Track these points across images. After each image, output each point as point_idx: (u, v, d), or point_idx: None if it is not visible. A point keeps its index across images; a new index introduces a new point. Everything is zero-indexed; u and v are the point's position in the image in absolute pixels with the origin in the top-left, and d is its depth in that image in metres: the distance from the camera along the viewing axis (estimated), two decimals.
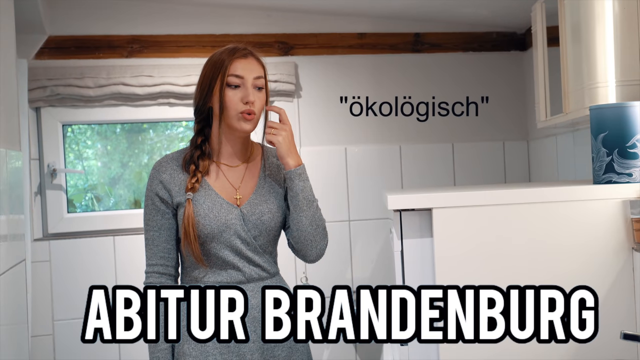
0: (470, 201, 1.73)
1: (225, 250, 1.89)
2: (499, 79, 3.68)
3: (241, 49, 1.94)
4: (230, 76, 1.90)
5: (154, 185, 1.94)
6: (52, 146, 3.28)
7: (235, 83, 1.91)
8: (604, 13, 2.12)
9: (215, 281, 1.91)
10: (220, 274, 1.91)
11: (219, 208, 1.90)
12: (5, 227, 1.99)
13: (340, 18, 3.52)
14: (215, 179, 1.96)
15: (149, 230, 1.94)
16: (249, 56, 1.94)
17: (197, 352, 1.88)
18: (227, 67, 1.91)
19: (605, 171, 1.82)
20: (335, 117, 3.53)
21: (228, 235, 1.89)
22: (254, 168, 2.03)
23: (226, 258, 1.90)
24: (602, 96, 2.13)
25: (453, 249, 1.71)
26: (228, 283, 1.91)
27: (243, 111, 1.90)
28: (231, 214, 1.91)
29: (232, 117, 1.91)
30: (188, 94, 3.30)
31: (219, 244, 1.89)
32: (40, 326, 3.21)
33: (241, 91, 1.91)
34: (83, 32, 3.30)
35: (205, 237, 1.88)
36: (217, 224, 1.88)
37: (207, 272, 1.92)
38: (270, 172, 2.04)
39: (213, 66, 1.94)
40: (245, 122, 1.91)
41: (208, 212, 1.89)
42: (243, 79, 1.91)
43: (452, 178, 3.61)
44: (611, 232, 1.73)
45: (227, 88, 1.91)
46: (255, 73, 1.93)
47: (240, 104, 1.90)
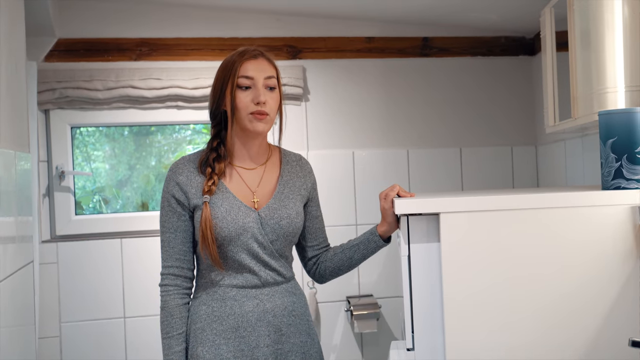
0: (478, 206, 1.72)
1: (242, 254, 1.89)
2: (508, 84, 3.67)
3: (251, 50, 1.94)
4: (241, 77, 1.90)
5: (170, 186, 1.93)
6: (60, 148, 3.29)
7: (246, 84, 1.90)
8: (614, 18, 2.12)
9: (231, 284, 1.91)
10: (237, 277, 1.91)
11: (237, 211, 1.90)
12: (13, 229, 1.99)
13: (349, 22, 3.52)
14: (233, 182, 1.95)
15: (165, 232, 1.93)
16: (260, 57, 1.94)
17: (211, 355, 1.87)
18: (237, 68, 1.90)
19: (614, 177, 1.81)
20: (342, 121, 3.53)
21: (245, 238, 1.88)
22: (271, 171, 2.02)
23: (243, 261, 1.89)
24: (612, 101, 2.12)
25: (460, 253, 1.71)
26: (244, 286, 1.91)
27: (254, 112, 1.89)
28: (249, 217, 1.90)
29: (243, 119, 1.90)
30: (196, 97, 3.31)
31: (236, 247, 1.88)
32: (47, 328, 3.21)
33: (252, 92, 1.90)
34: (92, 35, 3.31)
35: (222, 240, 1.87)
36: (235, 227, 1.87)
37: (223, 275, 1.91)
38: (290, 177, 2.03)
39: (224, 69, 1.94)
40: (257, 122, 1.90)
41: (226, 214, 1.88)
42: (253, 80, 1.90)
43: (459, 183, 3.60)
44: (620, 238, 1.72)
45: (237, 90, 1.90)
46: (266, 73, 1.92)
47: (252, 104, 1.89)
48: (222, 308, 1.90)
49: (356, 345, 3.49)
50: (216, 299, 1.91)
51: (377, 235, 2.01)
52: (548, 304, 1.71)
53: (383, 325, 3.49)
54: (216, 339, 1.88)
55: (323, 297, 3.45)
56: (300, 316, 1.98)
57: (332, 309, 3.48)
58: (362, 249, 2.04)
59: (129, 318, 3.29)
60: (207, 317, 1.90)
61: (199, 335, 1.89)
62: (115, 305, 3.29)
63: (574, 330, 1.71)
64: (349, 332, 3.48)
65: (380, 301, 3.44)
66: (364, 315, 3.33)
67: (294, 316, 1.96)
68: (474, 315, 1.70)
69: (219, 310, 1.90)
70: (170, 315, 1.90)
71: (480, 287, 1.70)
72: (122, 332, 3.29)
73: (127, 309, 3.29)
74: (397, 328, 3.48)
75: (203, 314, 1.91)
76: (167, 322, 1.90)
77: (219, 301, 1.90)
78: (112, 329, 3.28)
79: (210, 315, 1.90)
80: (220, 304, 1.90)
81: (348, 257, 2.06)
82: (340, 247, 2.08)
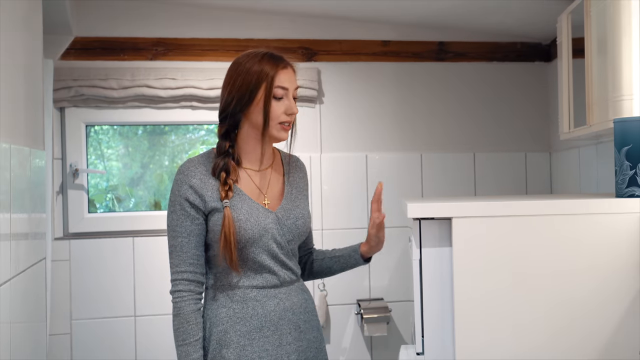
0: (491, 211, 1.72)
1: (263, 255, 1.89)
2: (523, 90, 3.66)
3: (282, 60, 1.94)
4: (277, 88, 1.90)
5: (182, 190, 1.89)
6: (75, 146, 3.31)
7: (281, 95, 1.91)
8: (631, 26, 2.11)
9: (251, 285, 1.91)
10: (256, 278, 1.91)
11: (257, 213, 1.90)
12: (26, 226, 2.01)
13: (365, 25, 3.52)
14: (245, 184, 1.95)
15: (176, 237, 1.89)
16: (289, 67, 1.95)
17: (236, 357, 1.87)
18: (272, 78, 1.90)
19: (628, 185, 1.80)
20: (356, 124, 3.53)
21: (266, 239, 1.89)
22: (277, 172, 2.04)
23: (263, 262, 1.90)
24: (627, 109, 2.11)
25: (472, 258, 1.70)
26: (264, 287, 1.91)
27: (284, 121, 1.92)
28: (268, 219, 1.91)
29: (272, 127, 1.92)
30: (211, 97, 3.31)
31: (258, 248, 1.88)
32: (58, 325, 3.23)
33: (284, 103, 1.92)
34: (109, 34, 3.32)
35: (245, 242, 1.87)
36: (258, 229, 1.88)
37: (241, 277, 1.91)
38: (294, 178, 2.06)
39: (257, 75, 1.90)
40: (284, 132, 1.94)
41: (248, 217, 1.88)
42: (287, 91, 1.92)
43: (472, 188, 3.59)
44: (633, 245, 1.71)
45: (273, 100, 1.91)
46: (295, 84, 1.96)
47: (284, 115, 1.91)
48: (244, 309, 1.90)
49: (366, 348, 3.48)
50: (236, 300, 1.90)
51: (358, 253, 2.09)
52: (559, 309, 1.70)
53: (393, 329, 3.48)
54: (240, 340, 1.88)
55: (333, 300, 3.44)
56: (312, 312, 2.02)
57: (342, 312, 3.48)
58: (342, 262, 2.12)
59: (140, 317, 3.30)
60: (228, 320, 1.89)
61: (222, 337, 1.88)
62: (126, 303, 3.30)
63: (585, 335, 1.70)
64: (358, 335, 3.48)
65: (391, 305, 3.43)
66: (374, 319, 3.32)
67: (308, 312, 1.99)
68: (484, 320, 1.69)
69: (240, 311, 1.89)
70: (186, 322, 1.87)
71: (491, 292, 1.69)
72: (132, 330, 3.30)
73: (138, 308, 3.30)
74: (407, 332, 3.48)
75: (224, 317, 1.90)
76: (182, 329, 1.87)
77: (239, 302, 1.90)
78: (122, 327, 3.29)
79: (232, 317, 1.89)
80: (241, 305, 1.90)
81: (328, 266, 2.14)
82: (323, 254, 2.15)
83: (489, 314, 1.69)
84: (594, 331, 1.70)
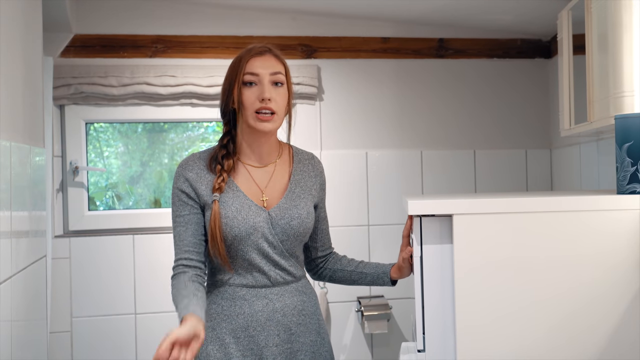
0: (492, 208, 1.72)
1: (252, 253, 1.88)
2: (523, 87, 3.66)
3: (258, 47, 1.92)
4: (246, 74, 1.89)
5: (179, 182, 1.92)
6: (75, 144, 3.30)
7: (251, 80, 1.89)
8: (632, 22, 2.10)
9: (241, 284, 1.90)
10: (246, 276, 1.90)
11: (247, 210, 1.89)
12: (27, 223, 2.00)
13: (364, 22, 3.51)
14: (243, 180, 1.94)
15: (176, 227, 1.91)
16: (266, 53, 1.92)
17: (220, 354, 1.87)
18: (243, 65, 1.89)
19: (629, 181, 1.80)
20: (356, 121, 3.52)
21: (255, 237, 1.88)
22: (282, 170, 2.01)
23: (253, 261, 1.89)
24: (628, 105, 2.10)
25: (473, 255, 1.70)
26: (254, 286, 1.91)
27: (258, 109, 1.88)
28: (259, 217, 1.89)
29: (249, 117, 1.89)
30: (210, 94, 3.31)
31: (246, 246, 1.87)
32: (58, 322, 3.23)
33: (258, 89, 1.89)
34: (108, 31, 3.32)
35: (232, 239, 1.86)
36: (245, 226, 1.86)
37: (232, 275, 1.91)
38: (302, 177, 2.02)
39: (232, 66, 1.93)
40: (261, 122, 1.88)
41: (236, 213, 1.87)
42: (258, 76, 1.89)
43: (473, 185, 3.59)
44: (634, 242, 1.71)
45: (243, 87, 1.89)
46: (273, 69, 1.90)
47: (257, 102, 1.87)
48: (231, 307, 1.89)
49: (366, 345, 3.48)
50: (226, 298, 1.90)
51: (388, 276, 2.06)
52: (560, 306, 1.70)
53: (394, 327, 3.48)
54: (225, 338, 1.88)
55: (334, 297, 3.44)
56: (310, 315, 1.98)
57: (342, 309, 3.47)
58: (369, 280, 2.09)
59: (140, 314, 3.30)
60: (216, 316, 1.90)
61: (209, 333, 1.89)
62: (126, 301, 3.30)
63: (587, 332, 1.69)
64: (359, 333, 3.48)
65: (392, 302, 3.43)
66: (374, 316, 3.32)
67: (304, 315, 1.96)
68: (485, 317, 1.69)
69: (228, 309, 1.90)
70: (183, 287, 1.81)
71: (492, 289, 1.69)
72: (132, 328, 3.30)
73: (138, 305, 3.30)
74: (407, 329, 3.47)
75: (212, 313, 1.90)
76: (177, 292, 1.81)
77: (228, 300, 1.90)
78: (123, 325, 3.29)
79: (219, 314, 1.90)
80: (229, 303, 1.90)
81: (352, 280, 2.11)
82: (350, 265, 2.10)
83: (490, 310, 1.69)
84: (595, 328, 1.69)
